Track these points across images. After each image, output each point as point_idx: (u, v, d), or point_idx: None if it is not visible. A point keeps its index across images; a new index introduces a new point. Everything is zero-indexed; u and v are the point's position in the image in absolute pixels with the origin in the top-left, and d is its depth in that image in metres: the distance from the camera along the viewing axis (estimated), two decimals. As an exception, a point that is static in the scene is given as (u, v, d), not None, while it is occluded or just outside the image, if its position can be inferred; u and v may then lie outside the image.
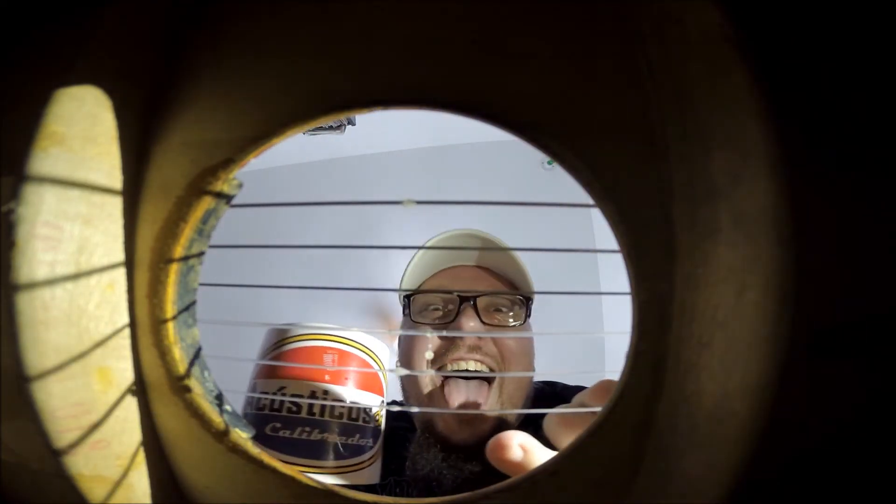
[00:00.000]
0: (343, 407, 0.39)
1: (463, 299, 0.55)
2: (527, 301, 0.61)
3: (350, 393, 0.40)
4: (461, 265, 0.60)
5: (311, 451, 0.38)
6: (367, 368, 0.41)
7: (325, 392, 0.39)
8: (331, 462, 0.39)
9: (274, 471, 0.50)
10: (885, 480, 0.34)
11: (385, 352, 0.47)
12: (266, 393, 0.39)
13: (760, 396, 0.34)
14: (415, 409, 0.62)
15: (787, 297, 0.32)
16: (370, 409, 0.40)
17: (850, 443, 0.34)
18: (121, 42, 0.46)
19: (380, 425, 0.43)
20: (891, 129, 0.32)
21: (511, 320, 0.64)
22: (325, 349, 0.42)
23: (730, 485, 0.36)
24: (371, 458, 0.40)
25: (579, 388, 0.64)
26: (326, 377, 0.40)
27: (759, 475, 0.35)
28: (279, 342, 0.44)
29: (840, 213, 0.33)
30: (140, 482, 0.49)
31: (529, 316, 0.63)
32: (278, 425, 0.39)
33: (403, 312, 0.65)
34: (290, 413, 0.38)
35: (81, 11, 0.45)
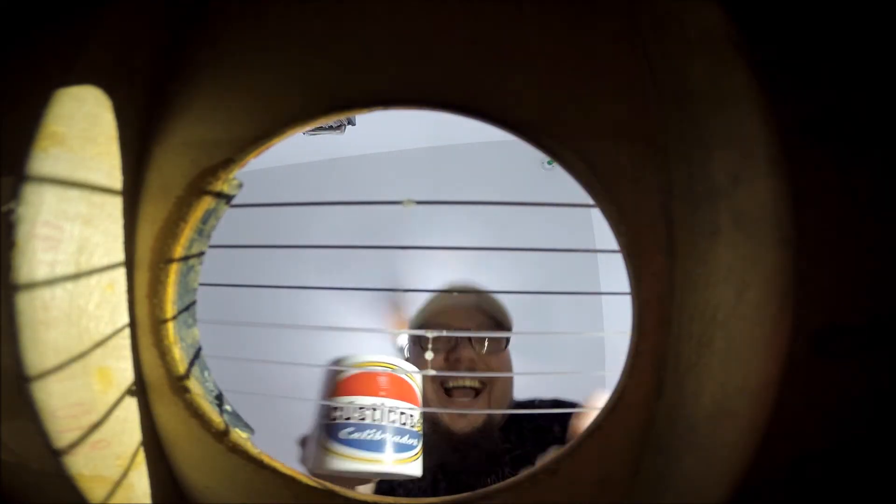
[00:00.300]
0: (395, 414, 0.51)
1: (461, 336, 0.70)
2: (506, 337, 0.79)
3: (398, 405, 0.53)
4: (460, 307, 0.79)
5: (375, 448, 0.50)
6: (405, 386, 0.54)
7: (383, 404, 0.51)
8: (389, 457, 0.51)
9: (274, 471, 0.50)
10: (885, 480, 0.34)
11: (419, 375, 0.59)
12: (341, 407, 0.52)
13: (760, 396, 0.34)
14: (444, 411, 0.75)
15: (787, 297, 0.32)
16: (413, 416, 0.52)
17: (850, 442, 0.34)
18: (121, 42, 0.46)
19: (420, 430, 0.54)
20: (891, 130, 0.32)
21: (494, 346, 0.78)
22: (380, 373, 0.54)
23: (730, 485, 0.36)
24: (416, 454, 0.52)
25: (555, 402, 0.79)
26: (382, 393, 0.53)
27: (759, 475, 0.35)
28: (352, 364, 0.57)
29: (840, 213, 0.33)
30: (140, 482, 0.49)
31: (508, 343, 0.81)
32: (352, 430, 0.51)
33: (414, 343, 0.82)
34: (360, 420, 0.51)
35: (81, 11, 0.45)
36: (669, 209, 0.44)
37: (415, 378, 0.57)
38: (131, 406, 0.49)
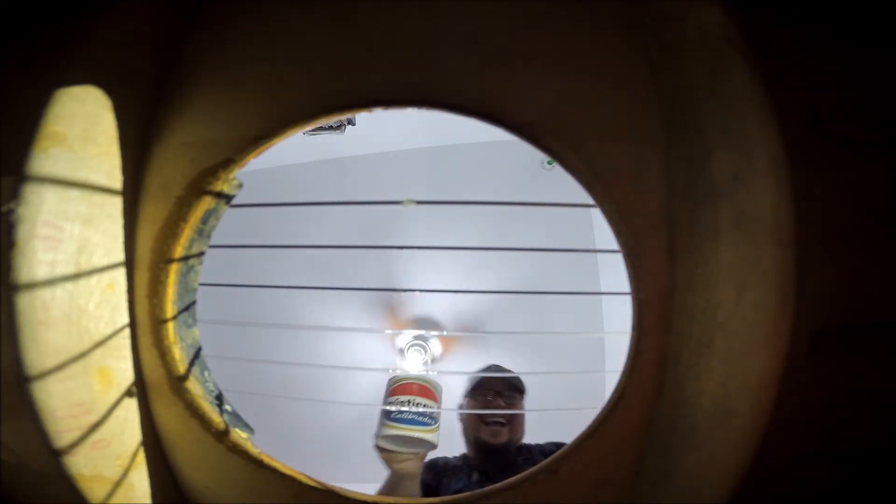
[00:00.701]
0: (420, 406, 0.90)
1: (497, 393, 1.18)
2: (523, 394, 1.21)
3: (422, 401, 0.91)
4: (495, 377, 1.22)
5: (409, 423, 0.87)
6: (427, 391, 0.94)
7: (413, 400, 0.91)
8: (415, 428, 0.87)
9: (274, 471, 0.50)
10: (885, 480, 0.34)
11: (439, 384, 0.97)
12: (392, 402, 0.91)
13: (760, 396, 0.34)
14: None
15: (787, 297, 0.32)
16: (430, 408, 0.91)
17: (850, 442, 0.34)
18: (121, 42, 0.46)
19: (437, 417, 0.91)
20: (891, 130, 0.32)
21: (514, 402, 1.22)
22: (413, 382, 0.95)
23: (730, 485, 0.36)
24: (432, 429, 0.89)
25: (552, 443, 1.16)
26: (413, 394, 0.92)
27: (759, 475, 0.35)
28: (399, 379, 0.96)
29: (840, 213, 0.33)
30: (140, 482, 0.49)
31: (524, 397, 1.21)
32: (397, 413, 0.88)
33: (467, 395, 1.23)
34: (401, 408, 0.89)
35: (81, 11, 0.45)
36: (669, 209, 0.44)
37: (434, 386, 0.96)
38: (131, 406, 0.49)
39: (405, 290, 2.25)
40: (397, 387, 0.94)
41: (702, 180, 0.39)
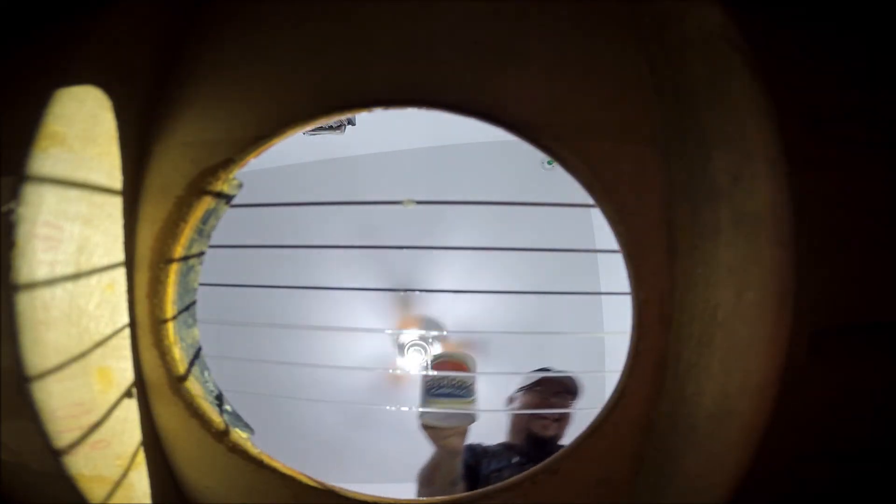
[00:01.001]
0: (464, 380, 0.96)
1: (556, 392, 1.26)
2: (575, 397, 1.29)
3: (457, 376, 0.98)
4: (555, 377, 1.29)
5: (465, 394, 0.95)
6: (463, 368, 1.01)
7: (448, 376, 0.98)
8: (470, 399, 0.95)
9: (274, 471, 0.50)
10: (885, 479, 0.34)
11: (474, 358, 1.05)
12: (440, 379, 0.98)
13: (760, 396, 0.34)
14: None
15: (787, 297, 0.32)
16: (466, 383, 0.96)
17: (850, 442, 0.34)
18: (121, 42, 0.46)
19: (472, 391, 0.97)
20: (891, 130, 0.32)
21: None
22: (449, 359, 1.03)
23: (730, 485, 0.36)
24: (469, 402, 0.95)
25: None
26: (452, 367, 1.01)
27: (760, 475, 0.35)
28: (437, 357, 1.04)
29: (840, 213, 0.33)
30: (140, 482, 0.49)
31: (574, 398, 1.30)
32: (436, 390, 0.96)
33: (524, 389, 1.30)
34: (440, 384, 0.96)
35: (81, 11, 0.45)
36: (669, 209, 0.44)
37: (470, 360, 1.03)
38: (131, 406, 0.49)
39: (405, 291, 2.25)
40: (436, 365, 1.02)
41: (702, 180, 0.40)
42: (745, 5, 0.35)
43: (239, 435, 0.51)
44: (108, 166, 0.46)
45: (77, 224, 0.44)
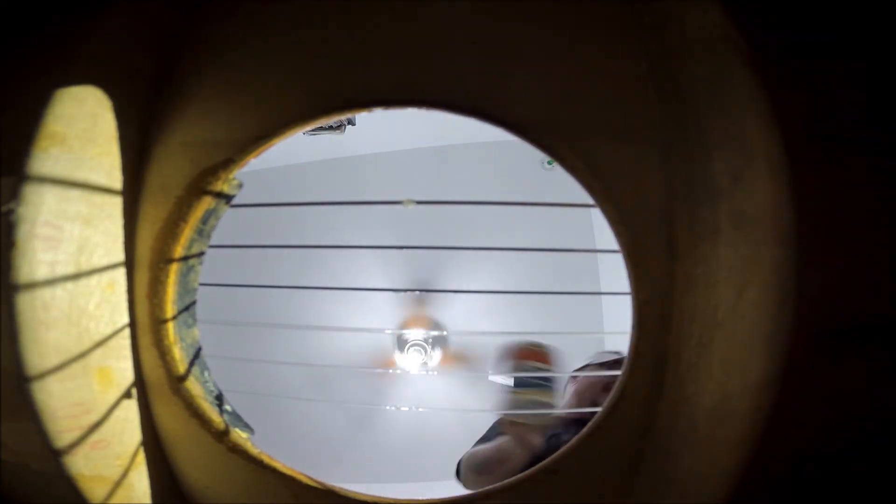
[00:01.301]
0: (548, 371, 0.96)
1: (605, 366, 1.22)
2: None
3: (540, 366, 0.97)
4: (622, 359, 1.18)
5: (551, 388, 0.95)
6: (546, 357, 0.99)
7: (529, 364, 0.97)
8: (535, 391, 0.94)
9: (274, 471, 0.50)
10: (885, 479, 0.34)
11: (553, 347, 1.02)
12: (524, 368, 0.97)
13: (760, 396, 0.34)
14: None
15: (787, 297, 0.32)
16: (548, 373, 0.96)
17: (850, 442, 0.34)
18: (121, 42, 0.46)
19: (551, 380, 0.97)
20: (891, 131, 0.32)
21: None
22: (530, 352, 0.99)
23: (730, 485, 0.36)
24: (548, 392, 0.94)
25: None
26: (531, 360, 0.98)
27: (759, 475, 0.35)
28: (518, 346, 1.01)
29: (840, 213, 0.33)
30: (140, 482, 0.49)
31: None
32: (520, 380, 0.97)
33: (591, 365, 1.27)
34: (523, 374, 0.96)
35: (81, 11, 0.45)
36: (669, 209, 0.44)
37: (551, 350, 1.01)
38: (131, 406, 0.49)
39: (404, 290, 2.25)
40: (521, 353, 0.98)
41: (702, 180, 0.40)
42: (745, 5, 0.35)
43: (239, 435, 0.51)
44: (108, 166, 0.46)
45: (77, 224, 0.44)
